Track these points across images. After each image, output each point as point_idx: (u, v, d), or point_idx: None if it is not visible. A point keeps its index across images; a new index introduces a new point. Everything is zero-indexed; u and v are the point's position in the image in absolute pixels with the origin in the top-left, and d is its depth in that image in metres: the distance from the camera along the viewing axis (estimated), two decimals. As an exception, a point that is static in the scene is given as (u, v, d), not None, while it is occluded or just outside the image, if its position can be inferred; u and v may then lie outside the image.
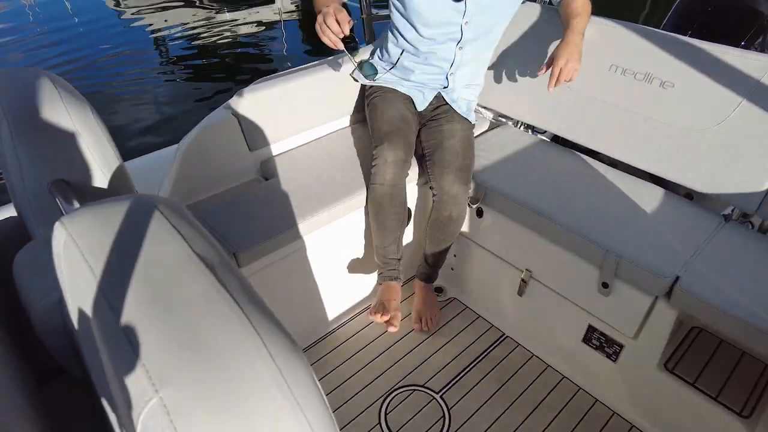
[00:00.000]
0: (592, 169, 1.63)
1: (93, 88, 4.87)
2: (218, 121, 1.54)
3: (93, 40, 5.98)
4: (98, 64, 5.27)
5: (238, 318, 0.39)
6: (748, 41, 1.94)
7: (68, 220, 0.50)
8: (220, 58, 5.17)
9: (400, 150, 1.52)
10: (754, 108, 1.37)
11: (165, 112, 4.08)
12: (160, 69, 5.01)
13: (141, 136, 3.76)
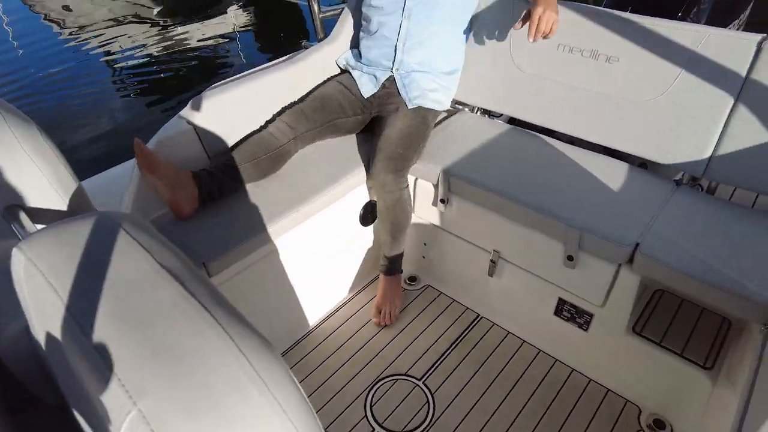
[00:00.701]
0: (550, 147, 1.68)
1: (42, 109, 4.70)
2: (174, 131, 1.51)
3: (38, 60, 5.79)
4: (46, 85, 5.09)
5: (209, 323, 0.39)
6: (683, 13, 2.03)
7: (26, 245, 0.49)
8: (173, 72, 5.07)
9: (288, 119, 1.61)
10: (692, 77, 1.43)
11: (120, 127, 3.99)
12: (111, 86, 4.88)
13: (96, 153, 3.66)
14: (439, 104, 1.76)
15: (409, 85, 1.71)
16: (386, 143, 1.59)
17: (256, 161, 1.51)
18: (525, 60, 1.70)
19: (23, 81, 5.24)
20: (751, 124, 1.37)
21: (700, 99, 1.42)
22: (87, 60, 5.70)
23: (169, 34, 6.03)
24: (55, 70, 5.46)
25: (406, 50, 1.71)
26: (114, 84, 4.99)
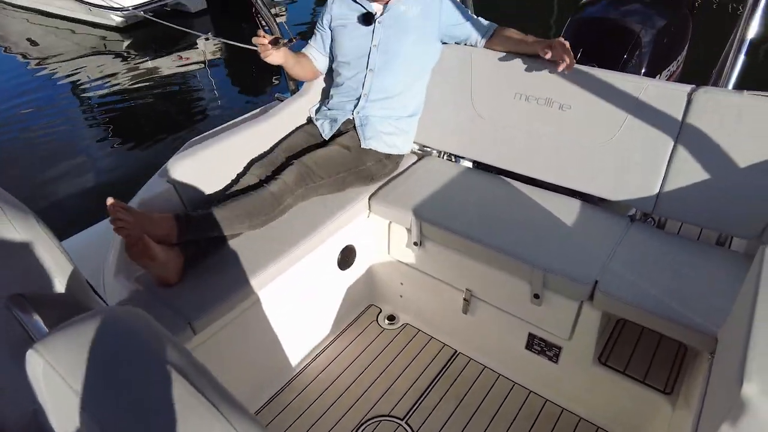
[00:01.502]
0: (512, 188, 1.80)
1: (6, 144, 4.61)
2: (154, 191, 1.57)
3: (2, 94, 5.67)
4: (9, 120, 4.99)
5: (217, 419, 0.46)
6: (628, 55, 2.20)
7: (42, 347, 0.55)
8: (144, 104, 5.07)
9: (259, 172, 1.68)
10: (637, 122, 1.57)
11: (98, 177, 3.91)
12: (81, 120, 4.84)
13: (75, 209, 3.56)
14: (395, 148, 1.86)
15: (366, 125, 1.81)
16: (309, 156, 1.69)
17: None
18: (485, 107, 1.82)
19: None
20: (690, 165, 1.50)
21: (645, 142, 1.56)
22: (54, 94, 5.66)
23: (139, 66, 6.05)
24: (20, 102, 5.42)
25: (369, 100, 1.81)
26: (84, 118, 4.97)
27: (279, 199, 1.57)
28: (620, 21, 2.26)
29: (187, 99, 5.23)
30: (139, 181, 3.68)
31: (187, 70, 5.79)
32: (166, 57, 6.16)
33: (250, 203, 1.53)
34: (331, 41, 1.87)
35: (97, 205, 3.49)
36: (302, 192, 1.63)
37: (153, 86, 5.47)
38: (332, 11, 1.83)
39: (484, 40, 1.77)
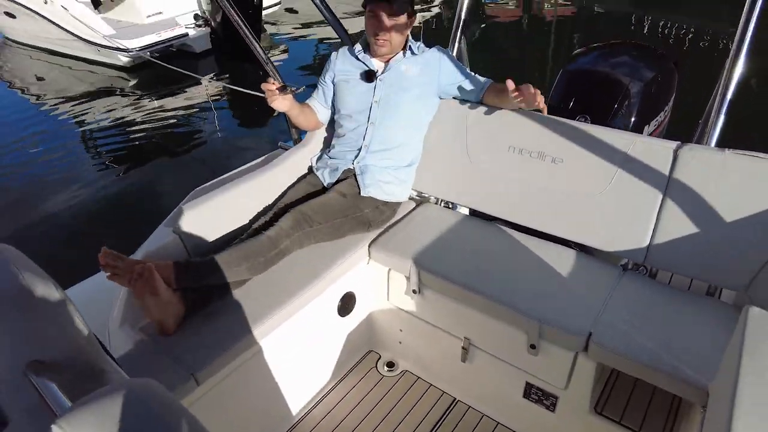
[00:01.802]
0: (508, 237, 1.85)
1: (12, 179, 4.67)
2: (161, 241, 1.61)
3: (7, 129, 5.77)
4: (14, 153, 5.06)
5: None
6: (618, 105, 2.29)
7: (65, 423, 0.58)
8: (153, 148, 5.16)
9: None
10: (626, 175, 1.64)
11: (101, 221, 3.92)
12: (85, 157, 4.91)
13: (78, 254, 3.55)
14: (393, 196, 1.92)
15: (365, 173, 1.87)
16: (307, 204, 1.75)
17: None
18: (480, 158, 1.90)
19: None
20: (679, 218, 1.56)
21: (635, 195, 1.62)
22: (58, 130, 5.80)
23: (145, 106, 6.20)
24: (24, 137, 5.54)
25: (369, 151, 1.88)
26: (88, 157, 5.06)
27: (275, 243, 1.61)
28: (610, 73, 2.36)
29: (191, 139, 5.34)
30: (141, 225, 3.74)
31: (192, 110, 5.93)
32: (170, 96, 6.32)
33: (246, 247, 1.58)
34: (334, 95, 1.95)
35: (96, 254, 3.51)
36: (299, 236, 1.68)
37: (158, 126, 5.59)
38: (335, 67, 1.93)
39: (480, 94, 1.86)
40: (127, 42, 6.63)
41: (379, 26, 1.75)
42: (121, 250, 1.62)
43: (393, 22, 1.74)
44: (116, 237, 3.62)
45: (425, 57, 1.87)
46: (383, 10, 1.72)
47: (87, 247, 3.48)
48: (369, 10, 1.75)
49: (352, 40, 2.04)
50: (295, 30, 8.87)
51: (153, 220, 2.16)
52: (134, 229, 3.62)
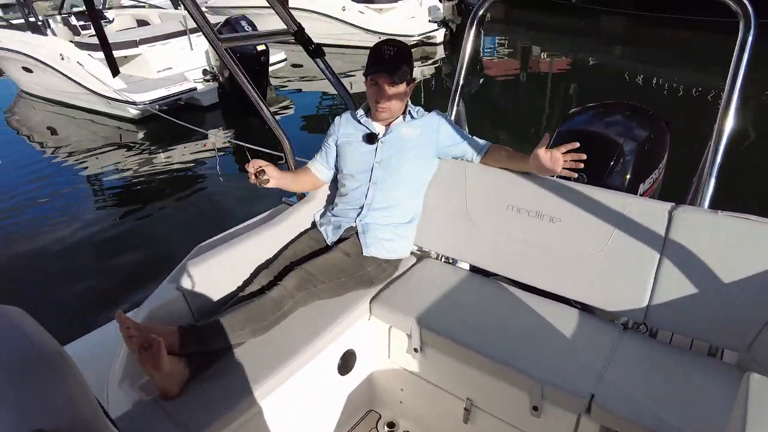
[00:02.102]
0: (509, 294, 1.86)
1: (20, 226, 4.71)
2: (164, 298, 1.63)
3: (18, 178, 5.90)
4: (25, 202, 5.14)
5: None
6: (614, 163, 2.35)
7: None
8: (158, 199, 5.24)
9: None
10: (623, 235, 1.67)
11: (108, 273, 3.95)
12: (91, 206, 4.96)
13: (79, 308, 3.54)
14: (394, 253, 1.95)
15: (367, 233, 1.90)
16: (310, 262, 1.76)
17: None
18: (479, 215, 1.94)
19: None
20: (677, 278, 1.58)
21: (633, 255, 1.65)
22: (68, 180, 5.93)
23: (152, 157, 6.35)
24: (32, 186, 5.66)
25: (371, 209, 1.93)
26: (94, 208, 5.13)
27: (279, 304, 1.63)
28: (604, 133, 2.44)
29: (197, 191, 5.43)
30: (145, 277, 3.76)
31: (198, 162, 6.07)
32: (177, 148, 6.48)
33: (250, 309, 1.59)
34: (337, 156, 2.03)
35: (102, 306, 3.51)
36: (302, 296, 1.70)
37: (164, 177, 5.71)
38: (339, 130, 2.01)
39: (479, 156, 1.92)
40: (137, 95, 6.87)
41: (380, 94, 1.84)
42: (125, 301, 1.64)
43: (393, 90, 1.83)
44: (121, 289, 3.65)
45: (424, 121, 1.95)
46: (384, 80, 1.81)
47: (91, 299, 3.52)
48: (370, 79, 1.84)
49: (355, 103, 2.13)
50: (300, 84, 9.20)
51: (158, 272, 2.18)
52: (139, 281, 3.67)
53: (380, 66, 1.81)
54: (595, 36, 12.81)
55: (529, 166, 1.75)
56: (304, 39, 1.92)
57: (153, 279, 1.74)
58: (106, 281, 3.78)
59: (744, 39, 1.57)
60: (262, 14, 9.60)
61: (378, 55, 1.82)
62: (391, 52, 1.81)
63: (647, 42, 11.72)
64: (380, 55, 1.81)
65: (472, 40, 2.18)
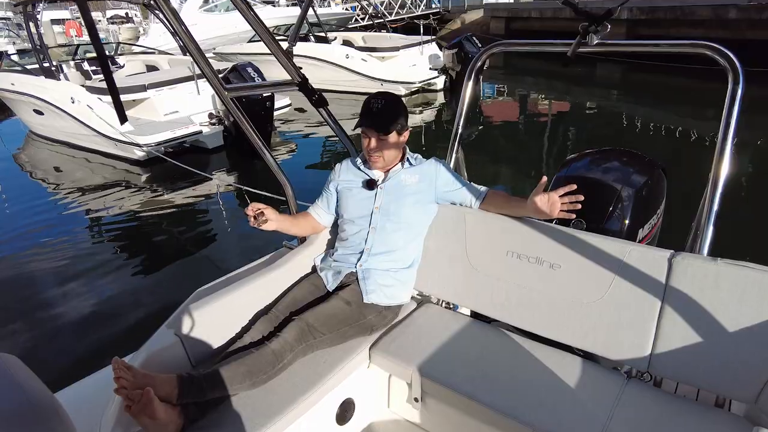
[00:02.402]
0: (511, 341, 1.84)
1: (20, 262, 4.69)
2: (162, 344, 1.61)
3: (21, 215, 5.96)
4: (25, 237, 5.14)
5: None
6: (612, 208, 2.37)
7: None
8: (159, 241, 5.26)
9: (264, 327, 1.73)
10: (624, 282, 1.67)
11: (104, 316, 3.91)
12: (91, 246, 4.96)
13: (74, 352, 3.48)
14: (395, 299, 1.94)
15: (368, 279, 1.91)
16: (311, 312, 1.74)
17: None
18: (479, 261, 1.94)
19: (4, 235, 5.44)
20: (679, 326, 1.57)
21: (634, 302, 1.64)
22: (69, 219, 5.96)
23: (155, 198, 6.40)
24: (37, 228, 5.70)
25: (371, 254, 1.94)
26: (95, 249, 5.13)
27: (279, 357, 1.61)
28: (602, 179, 2.47)
29: (198, 233, 5.44)
30: (142, 319, 3.71)
31: (201, 204, 6.12)
32: (181, 190, 6.54)
33: (250, 362, 1.57)
34: (337, 202, 2.06)
35: (98, 350, 3.45)
36: (302, 349, 1.68)
37: (166, 219, 5.74)
38: (339, 177, 2.05)
39: (478, 202, 1.95)
40: (143, 138, 7.00)
41: (371, 145, 1.90)
42: (122, 346, 1.62)
43: (383, 140, 1.89)
44: (119, 332, 3.62)
45: (422, 167, 1.99)
46: (373, 132, 1.88)
47: (88, 343, 3.47)
48: (362, 131, 1.90)
49: (357, 150, 2.18)
50: (304, 128, 9.39)
51: (157, 315, 2.16)
52: (138, 324, 3.64)
53: (369, 119, 1.87)
54: (591, 82, 13.16)
55: (527, 210, 1.77)
56: (308, 90, 1.99)
57: (152, 322, 1.73)
58: (104, 323, 3.74)
59: (734, 91, 1.62)
60: (268, 60, 9.92)
61: (367, 108, 1.89)
62: (379, 105, 1.87)
63: (643, 87, 12.04)
64: (369, 109, 1.88)
65: (471, 91, 2.25)
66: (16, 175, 7.97)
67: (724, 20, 12.08)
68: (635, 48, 2.03)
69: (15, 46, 20.21)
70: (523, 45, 2.22)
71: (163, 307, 3.76)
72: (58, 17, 30.91)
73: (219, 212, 5.89)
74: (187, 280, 4.24)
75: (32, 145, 9.26)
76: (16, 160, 8.81)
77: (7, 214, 6.32)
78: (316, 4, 18.07)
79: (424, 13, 23.09)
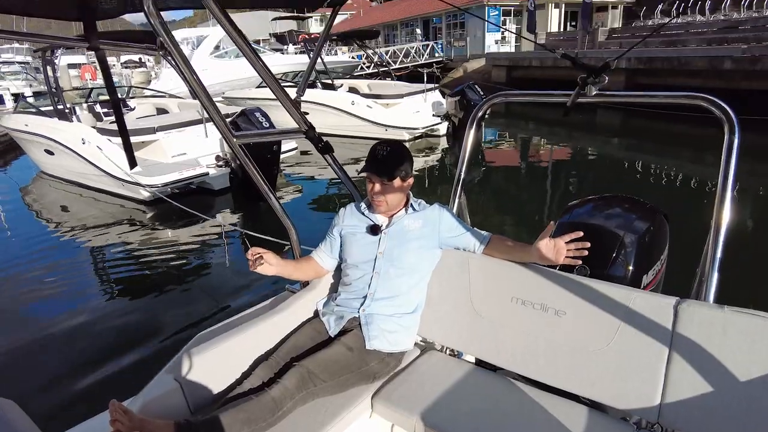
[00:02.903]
0: (516, 390, 1.80)
1: (20, 299, 4.66)
2: (161, 389, 1.59)
3: (26, 251, 5.99)
4: (27, 289, 5.13)
5: None
6: (615, 254, 2.37)
7: None
8: (162, 281, 5.24)
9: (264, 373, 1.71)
10: (630, 330, 1.65)
11: (102, 364, 3.83)
12: (95, 298, 4.93)
13: (72, 397, 3.41)
14: (398, 345, 1.92)
15: (370, 324, 1.89)
16: (312, 359, 1.72)
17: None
18: (483, 307, 1.93)
19: (7, 271, 5.47)
20: (689, 376, 1.53)
21: (641, 350, 1.61)
22: (73, 256, 6.01)
23: (159, 238, 6.44)
24: (40, 262, 5.77)
25: (374, 299, 1.93)
26: (98, 290, 5.12)
27: (279, 405, 1.59)
28: (604, 225, 2.48)
29: (201, 274, 5.44)
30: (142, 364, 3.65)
31: (204, 245, 6.14)
32: (185, 230, 6.59)
33: (249, 410, 1.55)
34: (341, 246, 2.07)
35: (96, 394, 3.39)
36: (303, 396, 1.65)
37: (169, 258, 5.75)
38: (343, 221, 2.07)
39: (481, 247, 1.95)
40: (150, 179, 7.11)
41: (375, 191, 1.93)
42: (121, 389, 1.59)
43: (387, 186, 1.92)
44: (118, 375, 3.56)
45: (426, 213, 2.01)
46: (377, 179, 1.91)
47: (86, 386, 3.40)
48: (367, 176, 1.93)
49: (361, 195, 2.21)
50: (309, 171, 9.54)
51: (157, 359, 2.12)
52: (137, 367, 3.58)
53: (374, 165, 1.90)
54: (592, 128, 13.42)
55: (531, 255, 1.77)
56: (314, 137, 2.04)
57: (152, 365, 1.71)
58: (104, 366, 3.67)
59: (730, 141, 1.65)
60: (275, 106, 10.18)
61: (373, 154, 1.93)
62: (385, 152, 1.91)
63: (642, 134, 12.25)
64: (374, 155, 1.92)
65: (472, 138, 2.30)
66: (23, 212, 8.08)
67: (720, 71, 12.42)
68: (632, 99, 2.09)
69: (32, 89, 20.91)
70: (524, 95, 2.29)
71: (163, 348, 3.72)
72: (74, 62, 32.12)
73: (222, 253, 5.90)
74: (189, 321, 4.21)
75: (41, 184, 9.42)
76: (24, 197, 8.95)
77: (12, 250, 6.36)
78: (324, 52, 18.69)
79: (428, 62, 23.85)
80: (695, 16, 18.90)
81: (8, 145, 12.32)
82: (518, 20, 26.97)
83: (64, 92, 9.05)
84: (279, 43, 22.80)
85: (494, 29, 26.63)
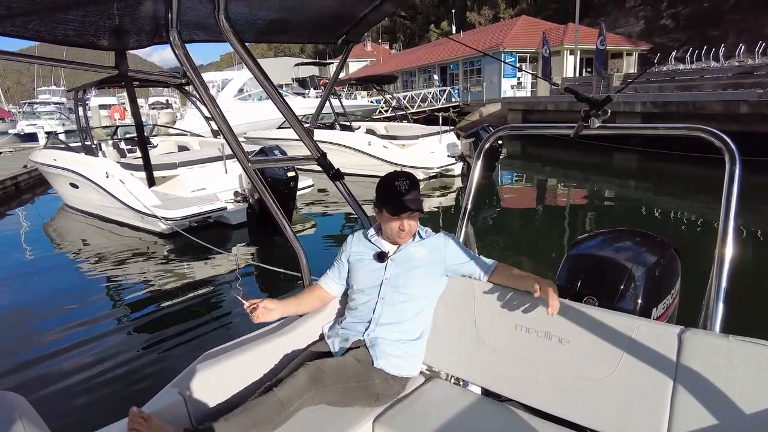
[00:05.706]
0: (521, 421, 1.77)
1: (38, 328, 4.74)
2: (165, 401, 1.61)
3: (45, 281, 6.17)
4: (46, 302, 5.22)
5: None
6: (624, 287, 2.35)
7: None
8: (176, 310, 5.30)
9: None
10: (634, 359, 1.63)
11: (116, 375, 3.94)
12: (109, 326, 5.02)
13: (87, 407, 3.53)
14: (402, 370, 1.91)
15: (375, 346, 1.90)
16: (322, 361, 1.74)
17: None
18: (488, 335, 1.92)
19: (29, 300, 5.62)
20: (695, 406, 1.50)
21: (645, 380, 1.59)
22: (91, 284, 6.15)
23: (175, 270, 6.53)
24: (60, 289, 5.96)
25: (379, 324, 1.94)
26: (114, 317, 5.20)
27: (286, 405, 1.60)
28: (613, 258, 2.48)
29: (214, 305, 5.49)
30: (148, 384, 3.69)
31: (219, 277, 6.21)
32: (201, 263, 6.68)
33: (256, 412, 1.57)
34: (348, 272, 2.11)
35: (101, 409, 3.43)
36: (312, 395, 1.66)
37: (184, 290, 5.82)
38: (351, 248, 2.12)
39: (486, 275, 1.97)
40: (169, 212, 7.29)
41: (403, 226, 1.97)
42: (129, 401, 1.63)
43: (414, 220, 1.99)
44: (127, 391, 3.64)
45: (432, 240, 2.04)
46: (408, 215, 1.96)
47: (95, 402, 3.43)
48: (393, 215, 1.96)
49: (370, 223, 2.26)
50: (324, 208, 9.68)
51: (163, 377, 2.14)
52: (144, 384, 3.62)
53: (405, 203, 1.93)
54: (609, 171, 13.41)
55: (530, 283, 1.79)
56: (325, 164, 2.12)
57: (159, 384, 1.74)
58: (112, 382, 3.77)
59: (731, 171, 1.67)
60: (293, 146, 10.50)
61: (396, 191, 1.94)
62: (407, 186, 1.95)
63: (660, 176, 12.19)
64: (398, 191, 1.93)
65: (479, 170, 2.35)
66: (45, 243, 8.30)
67: (736, 114, 12.44)
68: (634, 131, 2.14)
69: (64, 127, 21.86)
70: (530, 128, 2.35)
71: (171, 367, 3.76)
72: (105, 103, 33.66)
73: (236, 285, 5.96)
74: (199, 342, 4.31)
75: (64, 216, 9.73)
76: (47, 229, 9.22)
77: (34, 279, 6.52)
78: (343, 96, 19.27)
79: (445, 106, 24.37)
80: (710, 62, 19.12)
81: (38, 179, 12.80)
82: (534, 67, 27.60)
83: (93, 129, 9.45)
84: (301, 87, 23.61)
85: (510, 75, 27.26)
